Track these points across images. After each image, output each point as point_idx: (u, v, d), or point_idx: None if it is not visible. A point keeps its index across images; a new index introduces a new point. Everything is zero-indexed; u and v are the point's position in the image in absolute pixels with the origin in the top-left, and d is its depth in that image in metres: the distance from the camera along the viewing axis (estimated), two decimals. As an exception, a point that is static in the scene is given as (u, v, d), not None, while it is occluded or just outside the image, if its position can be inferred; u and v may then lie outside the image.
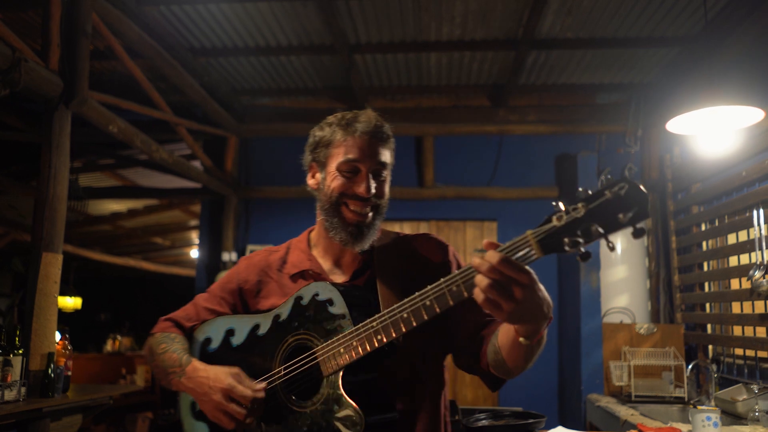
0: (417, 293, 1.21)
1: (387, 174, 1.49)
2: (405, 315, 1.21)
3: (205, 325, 1.56)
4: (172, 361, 1.47)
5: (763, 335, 3.35)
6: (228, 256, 5.10)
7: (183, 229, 9.12)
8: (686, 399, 3.82)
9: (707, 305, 4.11)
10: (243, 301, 1.58)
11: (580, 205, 0.99)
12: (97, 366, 7.01)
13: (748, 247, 3.38)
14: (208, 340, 1.54)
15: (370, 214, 1.46)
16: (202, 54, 4.42)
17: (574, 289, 4.55)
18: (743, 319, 3.47)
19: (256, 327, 1.47)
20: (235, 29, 4.09)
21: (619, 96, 5.14)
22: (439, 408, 1.48)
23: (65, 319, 3.88)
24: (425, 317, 1.19)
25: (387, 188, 1.50)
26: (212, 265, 5.27)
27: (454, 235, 5.23)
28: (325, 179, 1.48)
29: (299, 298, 1.40)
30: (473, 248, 5.15)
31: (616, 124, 5.09)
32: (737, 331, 3.66)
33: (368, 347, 1.25)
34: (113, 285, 11.13)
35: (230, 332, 1.51)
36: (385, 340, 1.24)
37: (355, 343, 1.27)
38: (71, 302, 9.36)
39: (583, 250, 1.00)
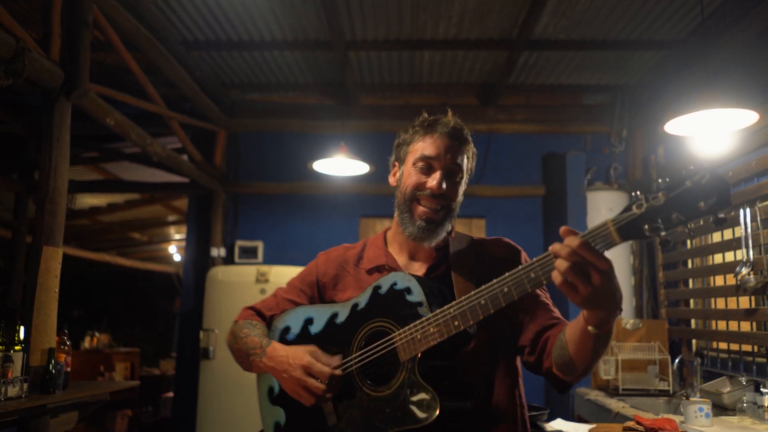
0: (494, 280, 1.24)
1: (462, 178, 1.53)
2: (483, 301, 1.25)
3: (285, 314, 1.63)
4: (253, 344, 1.55)
5: (748, 329, 3.47)
6: (216, 251, 5.07)
7: (162, 224, 9.00)
8: (671, 392, 3.95)
9: (691, 301, 4.23)
10: (321, 292, 1.65)
11: (660, 193, 1.03)
12: (75, 363, 6.86)
13: (734, 245, 3.51)
14: (287, 329, 1.60)
15: (441, 213, 1.49)
16: (195, 47, 4.39)
17: (562, 285, 4.64)
18: (728, 315, 3.59)
19: (335, 315, 1.52)
20: (230, 23, 4.06)
21: (605, 97, 5.25)
22: (515, 400, 1.49)
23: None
24: (502, 304, 1.23)
25: (461, 191, 1.54)
26: (200, 260, 5.23)
27: (443, 231, 5.28)
28: (402, 175, 1.55)
29: (378, 288, 1.46)
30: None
31: (601, 124, 5.20)
32: (721, 325, 3.78)
33: (445, 333, 1.29)
34: (86, 281, 10.91)
35: (309, 321, 1.57)
36: (462, 326, 1.28)
37: (432, 330, 1.30)
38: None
39: (663, 235, 1.04)
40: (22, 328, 2.72)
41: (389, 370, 1.37)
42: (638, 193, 1.07)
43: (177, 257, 10.76)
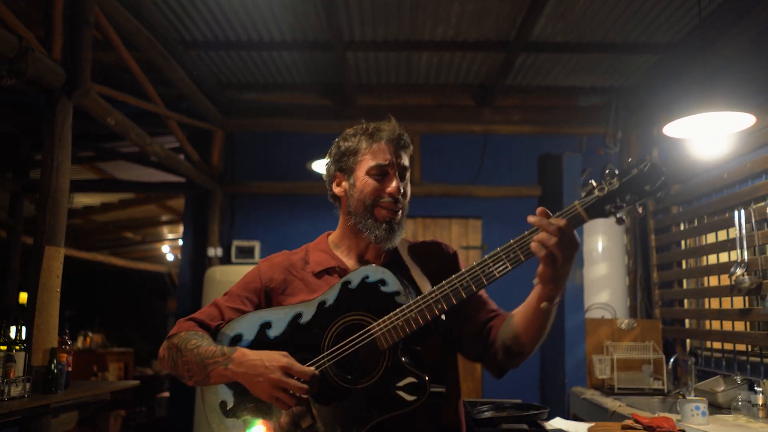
0: (474, 263, 1.35)
1: (408, 177, 1.62)
2: (465, 283, 1.34)
3: (233, 322, 1.55)
4: (210, 352, 1.45)
5: (742, 329, 3.53)
6: (213, 251, 5.07)
7: (155, 224, 8.97)
8: (665, 391, 4.00)
9: (685, 301, 4.29)
10: (268, 299, 1.61)
11: (614, 180, 1.27)
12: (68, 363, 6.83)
13: (728, 245, 3.56)
14: (239, 336, 1.52)
15: (400, 213, 1.57)
16: (193, 47, 4.39)
17: (558, 285, 4.68)
18: (723, 314, 3.65)
19: (298, 316, 1.49)
20: (229, 22, 4.07)
21: (600, 99, 5.30)
22: (460, 395, 1.62)
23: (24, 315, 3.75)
24: (485, 283, 1.34)
25: (409, 189, 1.62)
26: (197, 260, 5.22)
27: (440, 232, 5.31)
28: (354, 185, 1.58)
29: (347, 283, 1.47)
30: (458, 245, 5.24)
31: (596, 126, 5.25)
32: (715, 325, 3.84)
33: (428, 317, 1.36)
34: (79, 281, 10.86)
35: (266, 325, 1.51)
36: (446, 308, 1.35)
37: (414, 315, 1.36)
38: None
39: (619, 216, 1.27)
40: (23, 328, 2.72)
41: (369, 362, 1.39)
42: (593, 182, 1.30)
43: (170, 257, 10.72)
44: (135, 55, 3.86)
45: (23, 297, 7.97)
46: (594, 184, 1.29)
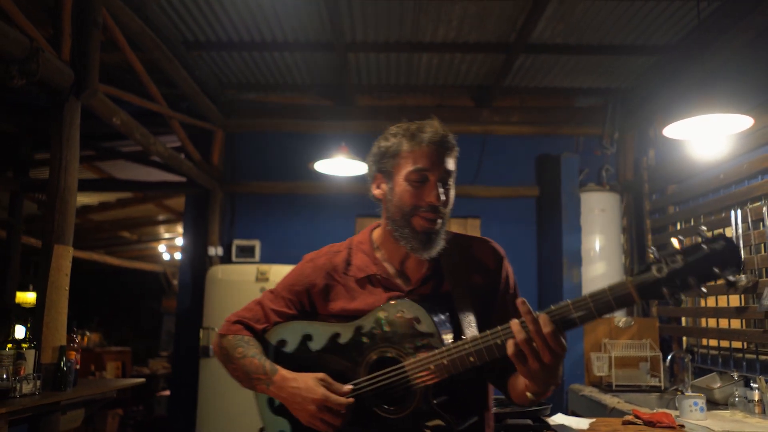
0: (518, 321, 1.26)
1: (452, 182, 1.53)
2: (499, 342, 1.28)
3: (278, 328, 1.61)
4: (254, 367, 1.52)
5: (738, 327, 3.59)
6: (214, 250, 5.09)
7: (152, 223, 8.97)
8: (662, 388, 4.06)
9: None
10: (311, 303, 1.62)
11: (678, 257, 1.10)
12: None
13: (725, 245, 3.62)
14: (282, 342, 1.58)
15: (440, 222, 1.49)
16: (195, 47, 4.41)
17: (556, 283, 4.75)
18: (719, 312, 3.71)
19: (336, 336, 1.51)
20: (232, 23, 4.10)
21: (596, 100, 5.37)
22: (491, 407, 1.60)
23: (25, 315, 3.75)
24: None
25: (453, 195, 1.54)
26: (197, 259, 5.24)
27: (439, 231, 5.35)
28: (393, 189, 1.51)
29: (383, 312, 1.45)
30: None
31: (593, 126, 5.32)
32: (711, 323, 3.90)
33: (460, 368, 1.33)
34: (75, 280, 10.83)
35: (307, 337, 1.55)
36: (478, 362, 1.31)
37: (446, 362, 1.34)
38: (32, 297, 9.08)
39: (679, 296, 1.11)
40: (23, 328, 2.73)
41: (402, 395, 1.41)
42: (655, 252, 1.14)
43: (166, 256, 10.71)
44: (138, 56, 3.89)
45: (20, 296, 7.97)
46: (652, 256, 1.12)
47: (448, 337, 1.41)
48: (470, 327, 1.46)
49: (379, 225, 1.64)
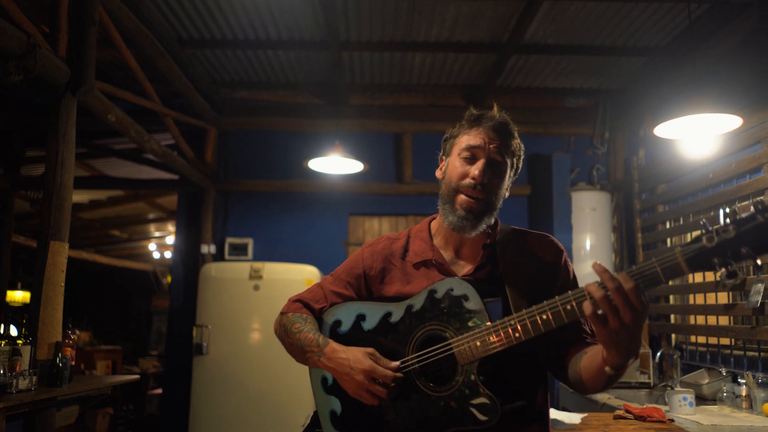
0: (557, 297, 1.27)
1: (505, 172, 1.54)
2: (545, 317, 1.27)
3: (335, 308, 1.65)
4: (308, 341, 1.57)
5: (726, 324, 3.66)
6: (207, 248, 5.10)
7: (143, 221, 8.93)
8: (651, 384, 4.12)
9: (671, 297, 4.42)
10: (368, 286, 1.65)
11: (731, 227, 1.04)
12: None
13: (713, 243, 3.68)
14: (338, 322, 1.62)
15: (481, 203, 1.50)
16: (189, 45, 4.41)
17: (547, 282, 4.79)
18: (707, 310, 3.77)
19: (388, 314, 1.54)
20: (226, 21, 4.11)
21: (587, 100, 5.43)
22: (547, 399, 1.57)
23: (14, 313, 3.75)
24: (565, 320, 1.26)
25: (504, 185, 1.54)
26: (190, 257, 5.24)
27: (431, 230, 5.38)
28: (447, 167, 1.57)
29: (433, 291, 1.47)
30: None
31: (584, 126, 5.37)
32: (700, 320, 3.97)
33: (506, 343, 1.33)
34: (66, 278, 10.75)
35: (361, 317, 1.59)
36: (523, 338, 1.31)
37: (493, 338, 1.34)
38: (20, 296, 9.03)
39: (731, 270, 1.06)
40: (13, 327, 2.74)
41: (447, 372, 1.43)
42: (705, 222, 1.08)
43: (156, 255, 10.67)
44: (132, 53, 3.88)
45: (11, 295, 7.87)
46: (711, 228, 1.06)
47: (495, 318, 1.40)
48: (520, 309, 1.43)
49: (436, 217, 1.67)
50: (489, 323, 1.37)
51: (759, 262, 1.05)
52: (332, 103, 5.39)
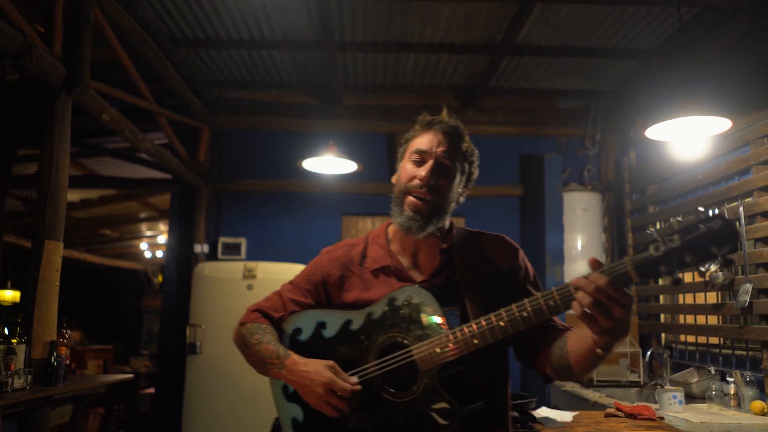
0: (514, 305, 1.31)
1: (454, 176, 1.56)
2: (502, 324, 1.31)
3: (295, 316, 1.66)
4: (269, 352, 1.58)
5: (715, 323, 3.71)
6: (200, 248, 5.09)
7: (134, 221, 8.90)
8: (641, 383, 4.17)
9: (661, 297, 4.47)
10: (327, 293, 1.66)
11: (676, 236, 1.11)
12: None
13: (703, 243, 3.73)
14: (298, 330, 1.63)
15: (429, 205, 1.52)
16: (183, 44, 4.42)
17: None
18: (697, 309, 3.82)
19: (349, 322, 1.55)
20: (221, 20, 4.11)
21: (579, 101, 5.48)
22: (507, 397, 1.60)
23: (6, 312, 3.71)
24: (521, 327, 1.30)
25: (453, 188, 1.57)
26: (182, 256, 5.24)
27: (424, 229, 5.41)
28: (399, 171, 1.61)
29: (393, 299, 1.49)
30: (442, 243, 5.35)
31: (576, 127, 5.42)
32: (689, 320, 4.02)
33: (465, 350, 1.36)
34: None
35: (321, 325, 1.60)
36: (481, 344, 1.35)
37: (451, 346, 1.37)
38: (10, 295, 8.97)
39: (675, 277, 1.12)
40: (5, 328, 2.72)
41: (409, 379, 1.44)
42: (653, 231, 1.14)
43: (148, 254, 10.63)
44: (127, 52, 3.88)
45: (0, 294, 7.81)
46: (652, 235, 1.13)
47: (454, 324, 1.43)
48: (477, 316, 1.47)
49: (393, 222, 1.67)
50: (448, 330, 1.39)
51: (703, 268, 1.11)
52: (326, 104, 5.40)
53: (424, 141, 1.56)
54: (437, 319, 1.42)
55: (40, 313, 2.74)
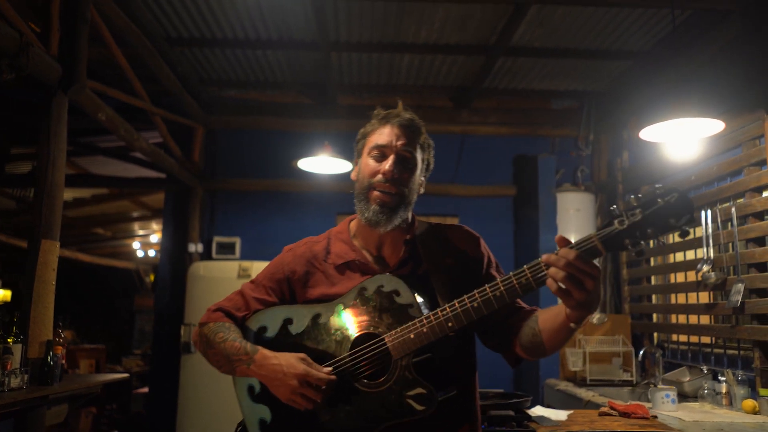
0: (486, 285, 1.33)
1: (415, 167, 1.58)
2: (476, 305, 1.34)
3: (259, 314, 1.62)
4: (235, 349, 1.53)
5: (707, 323, 3.75)
6: (194, 247, 5.09)
7: (127, 220, 8.87)
8: (634, 382, 4.21)
9: (653, 297, 4.51)
10: (291, 290, 1.64)
11: (637, 211, 1.17)
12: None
13: (695, 244, 3.77)
14: (263, 328, 1.60)
15: (395, 198, 1.54)
16: (178, 44, 4.41)
17: (533, 281, 4.86)
18: (689, 309, 3.86)
19: (317, 316, 1.54)
20: (216, 20, 4.11)
21: (572, 102, 5.51)
22: (476, 383, 1.62)
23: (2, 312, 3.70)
24: (495, 306, 1.33)
25: (415, 179, 1.59)
26: (176, 256, 5.23)
27: (419, 229, 5.43)
28: (360, 167, 1.61)
29: (363, 289, 1.49)
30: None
31: (569, 128, 5.46)
32: (682, 319, 4.06)
33: (439, 334, 1.37)
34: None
35: (288, 321, 1.57)
36: (456, 327, 1.36)
37: (425, 330, 1.38)
38: (0, 294, 8.92)
39: (638, 249, 1.18)
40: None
41: (383, 368, 1.44)
42: (616, 208, 1.20)
43: (140, 253, 10.59)
44: (123, 51, 3.88)
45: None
46: (615, 211, 1.20)
47: (426, 310, 1.44)
48: (447, 302, 1.48)
49: (354, 218, 1.69)
50: (422, 315, 1.41)
51: (663, 239, 1.21)
52: (321, 103, 5.41)
53: (382, 136, 1.57)
54: (410, 306, 1.43)
55: (36, 312, 2.74)
